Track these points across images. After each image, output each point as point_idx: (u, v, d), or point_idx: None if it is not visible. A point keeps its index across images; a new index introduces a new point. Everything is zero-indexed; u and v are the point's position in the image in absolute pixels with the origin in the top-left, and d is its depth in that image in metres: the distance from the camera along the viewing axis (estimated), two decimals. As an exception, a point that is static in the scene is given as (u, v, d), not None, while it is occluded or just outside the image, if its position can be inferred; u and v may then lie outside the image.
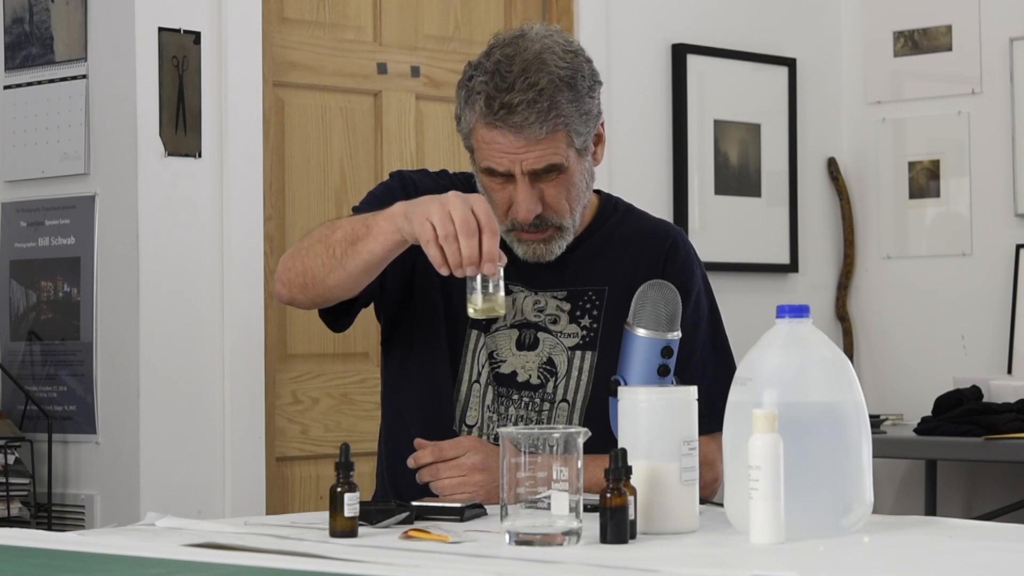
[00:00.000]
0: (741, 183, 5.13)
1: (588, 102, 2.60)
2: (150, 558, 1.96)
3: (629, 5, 4.85)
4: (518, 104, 2.53)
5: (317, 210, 4.20)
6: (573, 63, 2.59)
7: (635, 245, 2.74)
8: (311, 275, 2.56)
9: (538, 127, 2.54)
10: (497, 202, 2.62)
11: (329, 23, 4.28)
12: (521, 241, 2.64)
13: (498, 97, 2.54)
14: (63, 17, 3.92)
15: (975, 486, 5.15)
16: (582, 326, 2.69)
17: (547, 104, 2.53)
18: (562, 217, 2.62)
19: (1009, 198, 5.11)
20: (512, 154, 2.56)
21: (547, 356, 2.67)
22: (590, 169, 2.66)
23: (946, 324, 5.23)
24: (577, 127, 2.58)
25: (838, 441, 2.11)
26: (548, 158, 2.56)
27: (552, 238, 2.64)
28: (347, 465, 2.16)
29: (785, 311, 2.14)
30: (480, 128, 2.58)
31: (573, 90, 2.57)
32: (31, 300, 3.97)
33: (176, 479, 3.85)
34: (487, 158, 2.59)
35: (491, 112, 2.55)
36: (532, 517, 2.02)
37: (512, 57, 2.56)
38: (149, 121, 3.84)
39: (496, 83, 2.55)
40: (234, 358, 3.93)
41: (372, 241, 2.46)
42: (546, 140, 2.55)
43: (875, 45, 5.36)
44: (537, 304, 2.69)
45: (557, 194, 2.60)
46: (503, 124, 2.54)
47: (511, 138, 2.55)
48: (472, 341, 2.67)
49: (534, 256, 2.65)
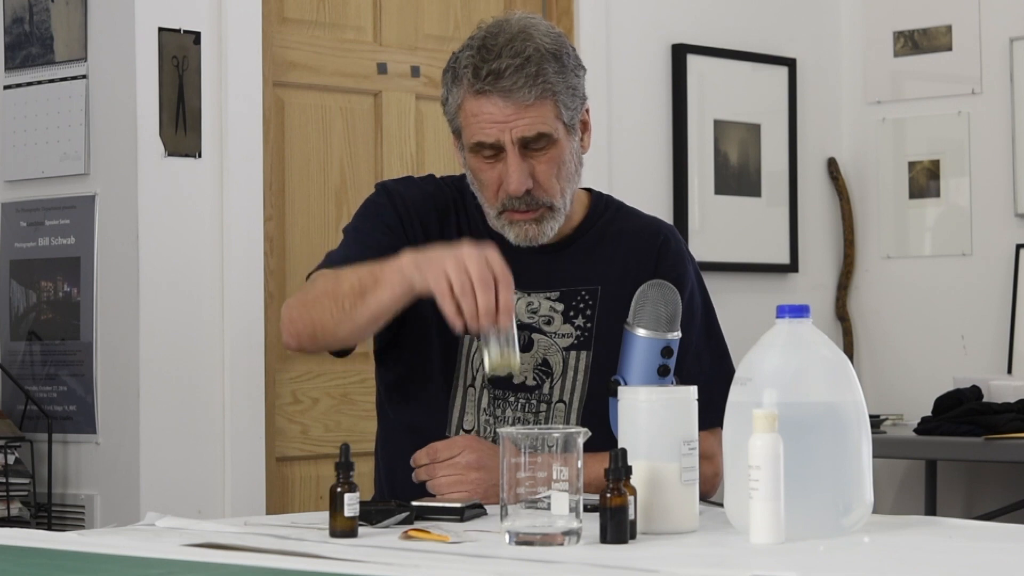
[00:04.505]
0: (741, 183, 5.13)
1: (574, 79, 2.59)
2: (150, 558, 1.96)
3: (629, 5, 4.85)
4: (506, 69, 2.52)
5: (317, 210, 4.20)
6: (558, 41, 2.59)
7: (627, 243, 2.73)
8: (320, 328, 2.55)
9: (527, 91, 2.53)
10: (486, 182, 2.60)
11: (329, 23, 4.28)
12: (512, 223, 2.62)
13: (485, 65, 2.54)
14: (63, 17, 3.92)
15: (975, 486, 5.15)
16: (576, 326, 2.67)
17: (535, 70, 2.53)
18: (553, 197, 2.60)
19: (1009, 198, 5.11)
20: (502, 123, 2.54)
21: (542, 357, 2.66)
22: (579, 153, 2.64)
23: (946, 324, 5.23)
24: (565, 100, 2.57)
25: (838, 441, 2.11)
26: (538, 126, 2.55)
27: (544, 218, 2.61)
28: (347, 465, 2.16)
29: (785, 311, 2.14)
30: (468, 101, 2.57)
31: (559, 62, 2.57)
32: (31, 300, 3.97)
33: (176, 479, 3.85)
34: (476, 132, 2.57)
35: (479, 79, 2.54)
36: (532, 517, 2.02)
37: (497, 33, 2.57)
38: (149, 121, 3.84)
39: (483, 55, 2.55)
40: (234, 358, 3.93)
41: (381, 293, 2.44)
42: (535, 107, 2.54)
43: (875, 45, 5.36)
44: (530, 305, 2.67)
45: (548, 171, 2.58)
46: (492, 88, 2.53)
47: (500, 105, 2.54)
48: (466, 347, 2.65)
49: (526, 238, 2.62)
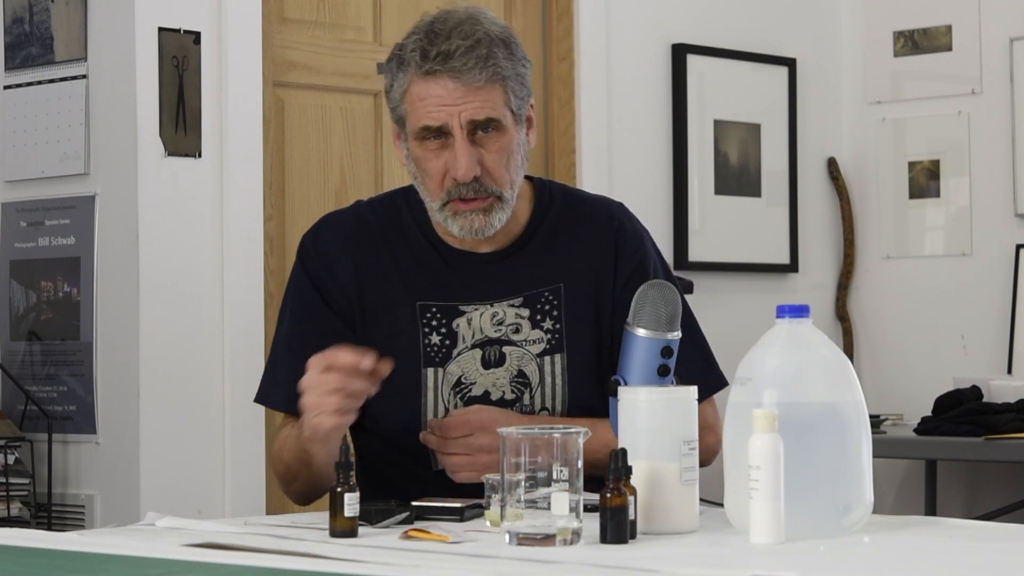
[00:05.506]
0: (741, 183, 5.13)
1: (522, 69, 2.54)
2: (150, 558, 1.97)
3: (629, 5, 4.84)
4: (456, 50, 2.46)
5: (317, 210, 4.19)
6: (506, 31, 2.54)
7: (582, 235, 2.66)
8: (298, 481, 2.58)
9: (477, 72, 2.46)
10: (431, 171, 2.52)
11: (329, 23, 4.28)
12: (458, 214, 2.52)
13: (434, 48, 2.48)
14: (63, 17, 3.92)
15: (975, 486, 5.15)
16: (545, 329, 2.60)
17: (485, 52, 2.47)
18: (502, 186, 2.52)
19: (1009, 198, 5.11)
20: (450, 105, 2.47)
21: (516, 369, 2.59)
22: (526, 146, 2.57)
23: (946, 324, 5.23)
24: (514, 87, 2.52)
25: (838, 441, 2.11)
26: (487, 110, 2.48)
27: (492, 208, 2.52)
28: (347, 465, 2.16)
29: (785, 311, 2.15)
30: (415, 84, 2.50)
31: (508, 49, 2.51)
32: (31, 300, 3.97)
33: (176, 479, 3.85)
34: (422, 116, 2.49)
35: (428, 60, 2.47)
36: (532, 517, 2.02)
37: (444, 19, 2.52)
38: (149, 121, 3.84)
39: (431, 38, 2.49)
40: (234, 358, 3.93)
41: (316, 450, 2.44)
42: (485, 90, 2.48)
43: (875, 45, 5.36)
44: (496, 317, 2.60)
45: (497, 160, 2.51)
46: (441, 68, 2.46)
47: (450, 86, 2.47)
48: (430, 380, 2.57)
49: (471, 231, 2.53)
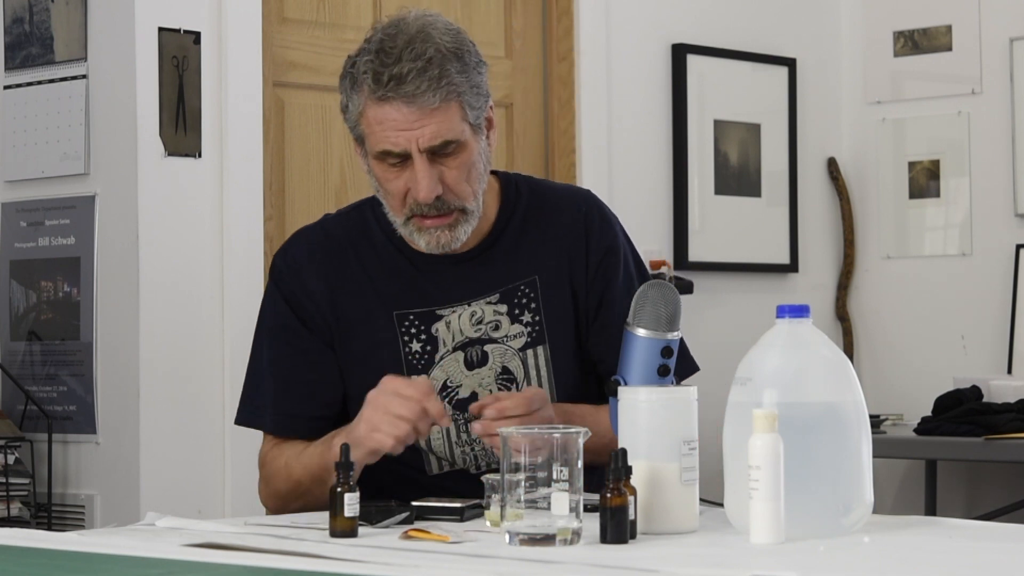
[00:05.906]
0: (741, 183, 5.13)
1: (477, 77, 2.52)
2: (150, 558, 1.97)
3: (629, 5, 4.84)
4: (408, 73, 2.44)
5: (317, 210, 4.19)
6: (457, 38, 2.51)
7: (552, 226, 2.65)
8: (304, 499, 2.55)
9: (431, 95, 2.44)
10: (392, 191, 2.52)
11: (329, 23, 4.28)
12: (422, 230, 2.52)
13: (386, 71, 2.45)
14: (63, 17, 3.92)
15: (975, 486, 5.15)
16: (525, 323, 2.60)
17: (437, 72, 2.45)
18: (465, 200, 2.51)
19: (1009, 198, 5.11)
20: (407, 130, 2.46)
21: (500, 366, 2.59)
22: (487, 151, 2.56)
23: (946, 324, 5.23)
24: (470, 100, 2.50)
25: (838, 441, 2.11)
26: (444, 134, 2.47)
27: (457, 222, 2.52)
28: (347, 465, 2.16)
29: (785, 311, 2.15)
30: (370, 108, 2.48)
31: (461, 61, 2.49)
32: (31, 300, 3.97)
33: (176, 479, 3.85)
34: (381, 140, 2.48)
35: (380, 86, 2.45)
36: (532, 517, 2.02)
37: (395, 35, 2.48)
38: (149, 121, 3.84)
39: (382, 59, 2.46)
40: (234, 358, 3.93)
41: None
42: (440, 111, 2.46)
43: (875, 45, 5.36)
44: (474, 316, 2.59)
45: (458, 176, 2.50)
46: (395, 94, 2.44)
47: (404, 111, 2.45)
48: None
49: (438, 245, 2.53)
